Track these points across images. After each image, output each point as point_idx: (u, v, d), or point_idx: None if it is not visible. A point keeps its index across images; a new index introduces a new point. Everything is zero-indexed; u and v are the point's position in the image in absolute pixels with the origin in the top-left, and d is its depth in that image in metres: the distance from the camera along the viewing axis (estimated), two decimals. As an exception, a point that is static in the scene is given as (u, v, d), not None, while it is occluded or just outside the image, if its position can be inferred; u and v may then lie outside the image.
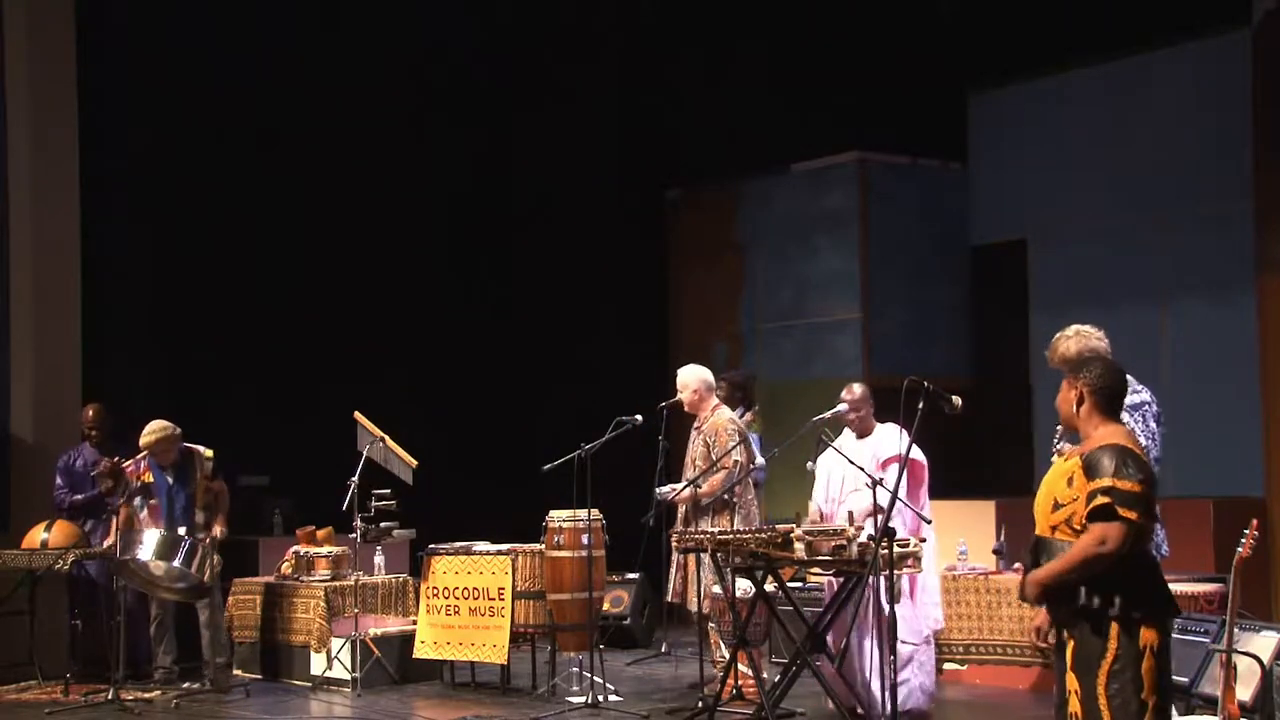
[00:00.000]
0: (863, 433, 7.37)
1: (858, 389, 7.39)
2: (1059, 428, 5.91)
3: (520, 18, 12.23)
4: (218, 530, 8.66)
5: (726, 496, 7.79)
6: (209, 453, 8.70)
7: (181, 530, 8.44)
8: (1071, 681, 4.44)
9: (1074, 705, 4.43)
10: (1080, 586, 4.39)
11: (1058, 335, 6.34)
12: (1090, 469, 4.41)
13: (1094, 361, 4.80)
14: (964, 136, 11.85)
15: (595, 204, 12.49)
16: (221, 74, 10.86)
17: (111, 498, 8.96)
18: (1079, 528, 4.40)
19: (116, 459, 9.08)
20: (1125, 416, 5.84)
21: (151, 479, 8.67)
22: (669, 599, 8.42)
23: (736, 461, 7.82)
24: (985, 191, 11.79)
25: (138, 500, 8.64)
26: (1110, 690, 4.33)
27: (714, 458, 7.90)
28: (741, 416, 8.98)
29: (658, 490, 8.09)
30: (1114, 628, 4.34)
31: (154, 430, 8.57)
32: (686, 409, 8.24)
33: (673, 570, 8.22)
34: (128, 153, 10.50)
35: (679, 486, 8.01)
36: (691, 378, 8.20)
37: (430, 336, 12.18)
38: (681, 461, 8.32)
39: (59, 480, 9.30)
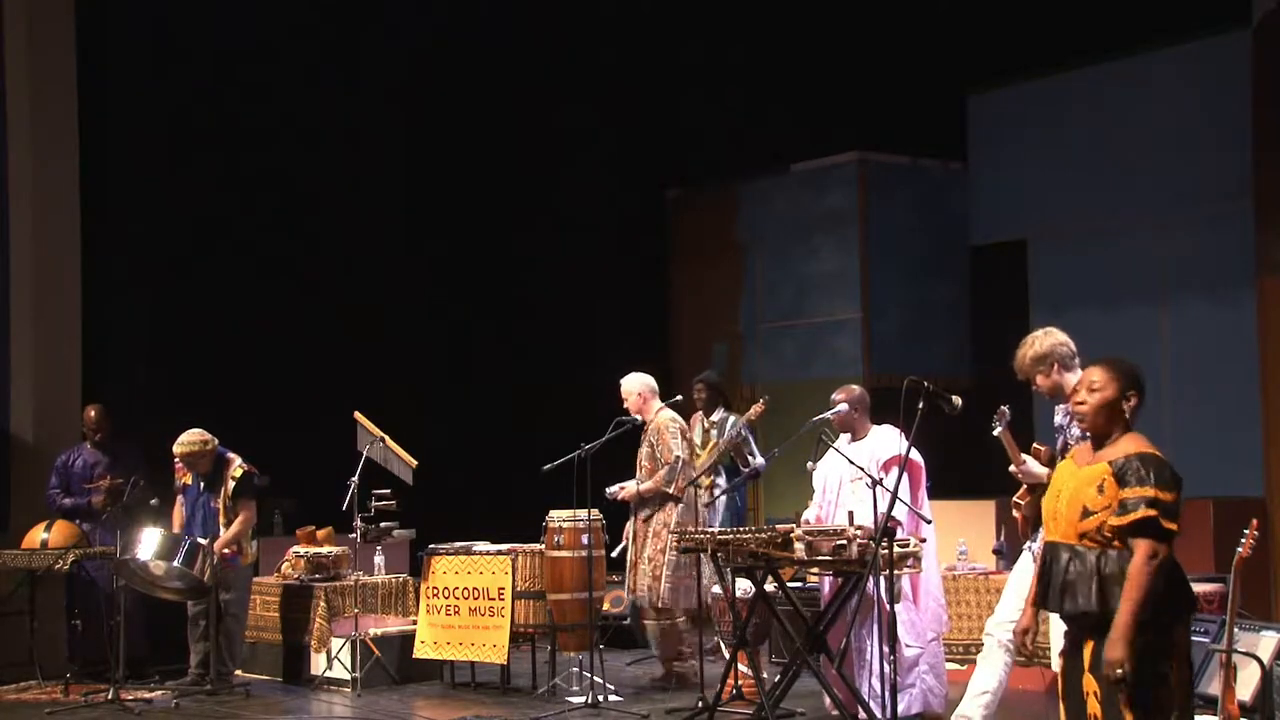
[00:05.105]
0: (856, 435, 7.25)
1: (855, 390, 7.32)
2: (1064, 419, 5.86)
3: (520, 17, 12.22)
4: (216, 543, 8.40)
5: (669, 490, 8.21)
6: (237, 471, 8.60)
7: (202, 539, 8.37)
8: (1090, 683, 4.33)
9: (1093, 706, 4.31)
10: (1108, 595, 4.30)
11: (1023, 342, 6.01)
12: (1125, 476, 4.34)
13: (1106, 359, 4.56)
14: (964, 136, 11.84)
15: (595, 204, 12.48)
16: (222, 75, 10.87)
17: (103, 510, 8.98)
18: (1108, 535, 4.33)
19: (117, 481, 9.07)
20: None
21: (190, 481, 8.71)
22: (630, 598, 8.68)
23: (678, 457, 8.21)
24: (985, 191, 11.78)
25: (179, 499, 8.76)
26: (1137, 691, 4.23)
27: (658, 456, 8.26)
28: (724, 417, 9.37)
29: (607, 490, 8.36)
30: (1147, 630, 4.24)
31: (184, 442, 8.59)
32: (634, 414, 8.39)
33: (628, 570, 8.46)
34: (129, 153, 10.49)
35: (629, 484, 8.38)
36: (634, 384, 8.46)
37: (430, 336, 12.18)
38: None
39: (53, 480, 9.31)
